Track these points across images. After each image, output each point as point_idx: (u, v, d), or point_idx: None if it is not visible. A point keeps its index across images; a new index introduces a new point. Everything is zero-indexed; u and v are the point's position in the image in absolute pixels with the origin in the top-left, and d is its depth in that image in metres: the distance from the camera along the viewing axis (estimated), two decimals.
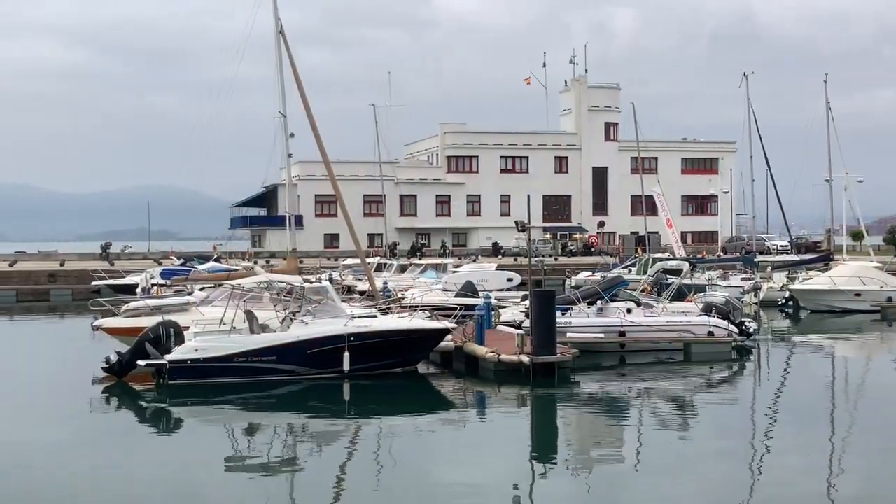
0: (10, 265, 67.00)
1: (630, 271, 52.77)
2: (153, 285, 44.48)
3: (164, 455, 18.48)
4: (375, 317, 27.05)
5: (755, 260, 57.48)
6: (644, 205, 67.61)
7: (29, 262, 71.65)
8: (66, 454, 18.18)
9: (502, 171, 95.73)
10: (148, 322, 27.22)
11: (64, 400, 23.83)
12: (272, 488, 15.90)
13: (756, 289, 47.81)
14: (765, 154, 69.92)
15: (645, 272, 48.32)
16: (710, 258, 62.93)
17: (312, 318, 25.42)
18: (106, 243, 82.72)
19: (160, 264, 60.04)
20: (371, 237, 79.53)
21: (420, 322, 26.70)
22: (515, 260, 70.81)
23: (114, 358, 25.32)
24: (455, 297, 37.37)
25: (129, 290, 47.01)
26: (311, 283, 27.53)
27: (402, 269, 52.87)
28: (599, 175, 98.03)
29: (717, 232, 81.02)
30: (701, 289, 40.13)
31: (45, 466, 17.08)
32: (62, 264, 67.47)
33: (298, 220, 48.68)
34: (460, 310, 30.10)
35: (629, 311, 30.86)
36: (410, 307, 30.45)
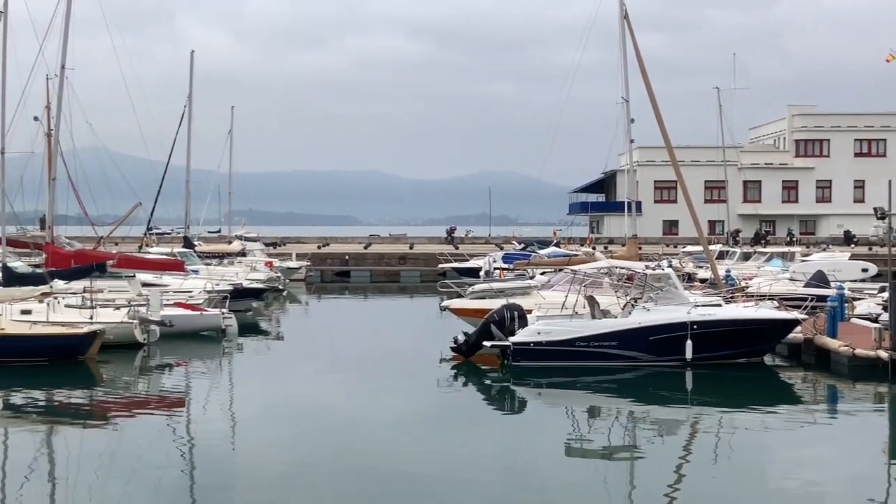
0: (365, 248, 71.59)
1: None
2: (495, 269, 45.84)
3: (505, 435, 18.95)
4: (720, 305, 26.28)
5: None
6: None
7: (381, 245, 76.20)
8: (412, 429, 19.07)
9: (856, 154, 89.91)
10: (492, 304, 28.04)
11: (414, 377, 25.00)
12: (610, 475, 15.85)
13: None
14: None
15: None
16: None
17: (654, 305, 25.08)
18: (451, 228, 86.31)
19: (502, 249, 61.76)
20: (712, 224, 77.31)
21: (767, 312, 25.65)
22: (870, 249, 66.33)
23: (461, 339, 26.30)
24: (804, 286, 35.55)
25: (473, 273, 48.71)
26: (653, 269, 27.13)
27: (746, 256, 50.95)
28: None
29: None
30: None
31: (391, 440, 17.98)
32: (411, 247, 71.11)
33: (637, 206, 48.28)
34: (811, 300, 28.56)
35: None
36: (756, 296, 29.33)
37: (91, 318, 26.47)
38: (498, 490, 14.68)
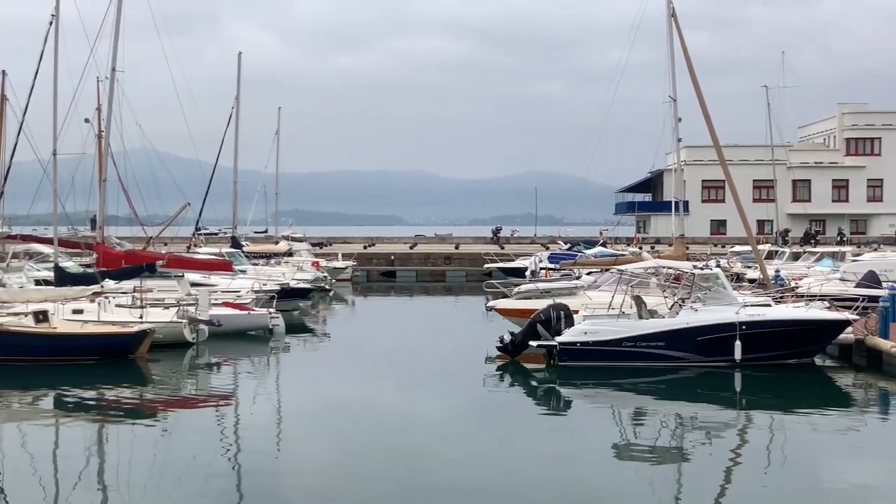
0: (411, 248, 71.71)
1: None
2: (541, 269, 45.70)
3: (551, 435, 18.86)
4: (769, 305, 26.00)
5: None
6: None
7: (427, 245, 76.27)
8: (458, 429, 19.05)
9: None
10: (538, 304, 27.97)
11: (459, 377, 25.00)
12: (657, 476, 15.71)
13: None
14: None
15: None
16: None
17: (702, 305, 24.87)
18: (496, 228, 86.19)
19: (548, 249, 61.56)
20: (760, 223, 76.50)
21: (817, 312, 25.34)
22: None
23: (507, 338, 26.27)
24: (855, 287, 35.06)
25: (519, 273, 48.60)
26: (701, 269, 26.90)
27: (796, 256, 50.38)
28: None
29: None
30: None
31: (437, 439, 18.02)
32: (457, 247, 71.12)
33: (685, 206, 47.80)
34: (862, 301, 28.16)
35: None
36: (806, 297, 28.99)
37: (141, 317, 26.78)
38: (544, 491, 14.62)
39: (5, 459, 17.00)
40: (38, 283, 32.22)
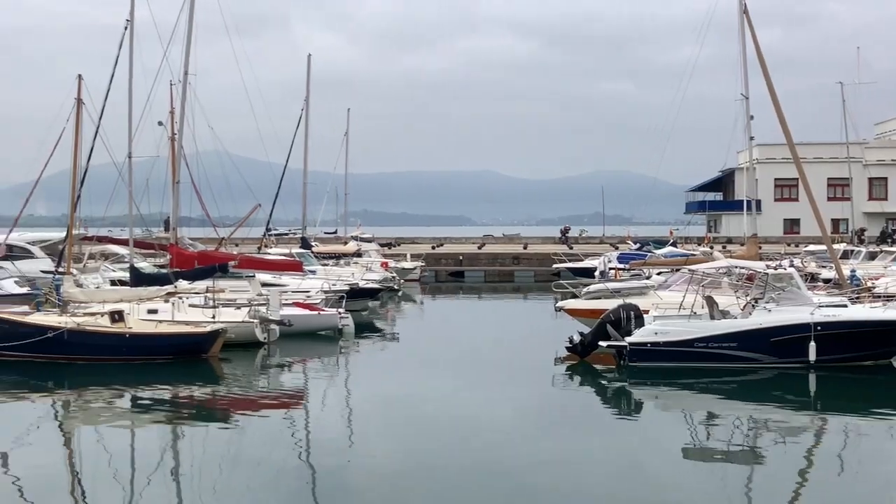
0: (479, 248, 71.74)
1: None
2: (611, 269, 45.38)
3: (621, 436, 18.74)
4: (845, 306, 25.49)
5: None
6: None
7: (495, 245, 76.24)
8: (527, 429, 19.00)
9: None
10: (608, 305, 27.78)
11: (529, 377, 24.91)
12: (728, 480, 15.48)
13: None
14: None
15: None
16: None
17: (776, 306, 24.48)
18: (564, 227, 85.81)
19: (617, 248, 61.13)
20: (835, 222, 75.17)
21: (895, 313, 24.75)
22: None
23: (577, 338, 26.15)
24: None
25: (588, 273, 48.33)
26: (775, 269, 26.48)
27: (872, 256, 49.38)
28: None
29: None
30: None
31: (506, 439, 17.94)
32: (525, 247, 70.99)
33: (757, 205, 46.96)
34: None
35: None
36: (883, 297, 28.37)
37: (213, 317, 27.15)
38: (613, 493, 14.52)
39: (82, 456, 17.42)
40: (113, 283, 32.86)
